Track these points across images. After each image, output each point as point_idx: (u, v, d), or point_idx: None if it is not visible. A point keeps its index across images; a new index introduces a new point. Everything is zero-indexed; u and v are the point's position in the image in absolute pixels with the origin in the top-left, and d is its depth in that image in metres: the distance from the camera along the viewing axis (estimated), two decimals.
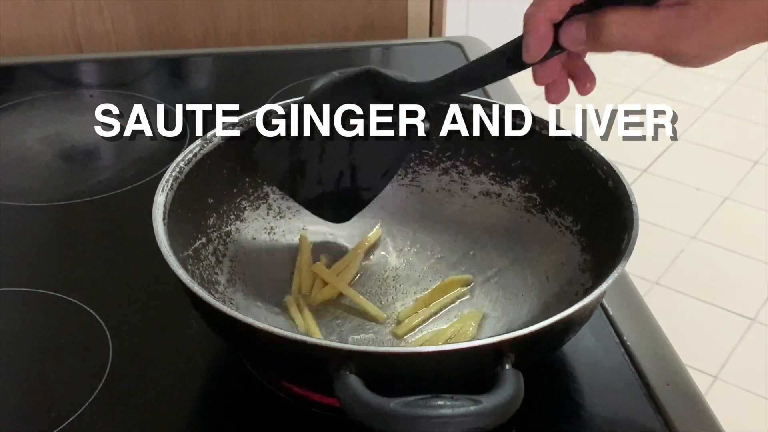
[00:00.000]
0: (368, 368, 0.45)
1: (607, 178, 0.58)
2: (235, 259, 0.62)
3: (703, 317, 1.67)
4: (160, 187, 0.56)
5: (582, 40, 0.47)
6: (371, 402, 0.43)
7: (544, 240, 0.63)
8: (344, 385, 0.44)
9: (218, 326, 0.53)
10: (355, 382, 0.44)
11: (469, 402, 0.43)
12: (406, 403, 0.42)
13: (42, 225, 0.72)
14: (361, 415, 0.43)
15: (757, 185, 2.04)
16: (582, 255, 0.60)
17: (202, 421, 0.55)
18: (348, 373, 0.44)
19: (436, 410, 0.42)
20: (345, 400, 0.44)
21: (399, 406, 0.42)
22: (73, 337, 0.60)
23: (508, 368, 0.46)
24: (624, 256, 0.52)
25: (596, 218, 0.59)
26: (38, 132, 0.85)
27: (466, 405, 0.42)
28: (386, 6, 1.04)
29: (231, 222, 0.63)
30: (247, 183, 0.64)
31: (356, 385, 0.44)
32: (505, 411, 0.44)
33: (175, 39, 1.01)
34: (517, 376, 0.45)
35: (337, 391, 0.44)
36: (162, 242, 0.52)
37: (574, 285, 0.59)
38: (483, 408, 0.43)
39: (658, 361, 0.58)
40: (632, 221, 0.54)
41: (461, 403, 0.42)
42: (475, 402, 0.43)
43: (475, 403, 0.43)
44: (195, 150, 0.60)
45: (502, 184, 0.66)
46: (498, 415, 0.43)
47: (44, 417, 0.54)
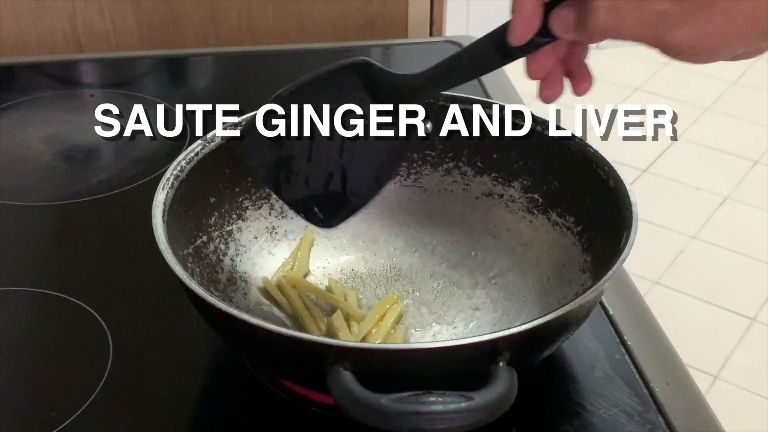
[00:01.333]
0: (363, 365, 0.45)
1: (608, 178, 0.58)
2: (236, 258, 0.62)
3: (703, 317, 1.67)
4: (161, 186, 0.56)
5: (572, 26, 0.45)
6: (363, 398, 0.43)
7: (545, 241, 0.63)
8: (337, 382, 0.44)
9: (215, 323, 0.53)
10: (348, 378, 0.44)
11: (461, 398, 0.43)
12: (397, 399, 0.42)
13: (42, 224, 0.72)
14: (353, 410, 0.43)
15: (757, 185, 2.04)
16: (582, 256, 0.60)
17: (202, 420, 0.55)
18: (342, 370, 0.45)
19: (428, 406, 0.42)
20: (338, 396, 0.44)
21: (390, 402, 0.42)
22: (73, 336, 0.60)
23: (502, 365, 0.46)
24: (622, 254, 0.52)
25: (597, 219, 0.59)
26: (39, 131, 0.85)
27: (457, 401, 0.42)
28: (386, 6, 1.04)
29: (233, 221, 0.63)
30: (249, 182, 0.64)
31: (349, 381, 0.44)
32: (496, 408, 0.44)
33: (176, 38, 1.01)
34: (511, 372, 0.45)
35: (331, 388, 0.44)
36: (160, 239, 0.52)
37: (574, 286, 0.59)
38: (474, 404, 0.43)
39: (658, 361, 0.58)
40: (631, 220, 0.54)
41: (452, 400, 0.42)
42: (467, 398, 0.43)
43: (467, 399, 0.43)
44: (197, 149, 0.60)
45: (505, 185, 0.66)
46: (489, 411, 0.43)
47: (44, 417, 0.54)
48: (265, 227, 0.65)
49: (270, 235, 0.65)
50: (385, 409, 0.42)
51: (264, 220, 0.65)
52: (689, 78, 2.45)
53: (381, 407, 0.42)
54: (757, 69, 2.53)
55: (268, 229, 0.65)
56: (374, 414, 0.43)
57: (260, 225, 0.65)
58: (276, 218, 0.65)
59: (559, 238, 0.62)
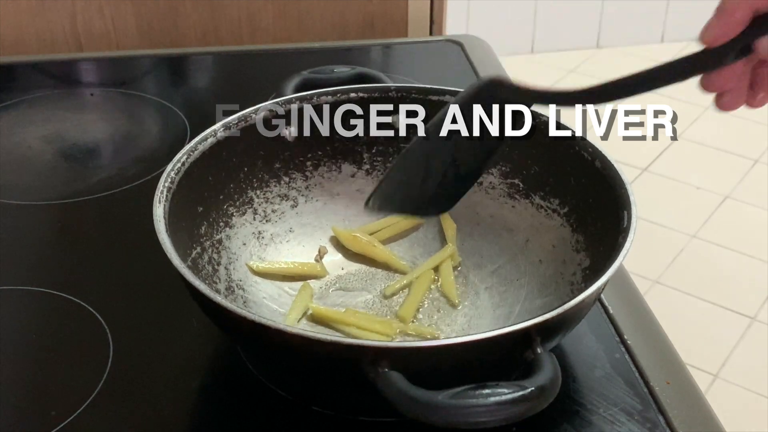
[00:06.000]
0: (403, 363, 0.45)
1: (594, 159, 0.59)
2: (229, 267, 0.62)
3: (703, 316, 1.67)
4: (157, 198, 0.56)
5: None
6: (420, 397, 0.44)
7: (531, 224, 0.64)
8: (388, 382, 0.45)
9: (240, 334, 0.53)
10: (398, 378, 0.45)
11: (516, 388, 0.43)
12: (453, 395, 0.43)
13: (42, 223, 0.72)
14: (412, 409, 0.44)
15: (757, 184, 2.04)
16: (574, 236, 0.61)
17: (202, 419, 0.55)
18: (388, 370, 0.45)
19: (486, 398, 0.43)
20: (393, 397, 0.44)
21: (448, 397, 0.43)
22: (73, 335, 0.60)
23: (540, 351, 0.47)
24: (628, 232, 0.53)
25: (585, 199, 0.60)
26: (39, 130, 0.85)
27: (514, 391, 0.43)
28: (387, 4, 1.04)
29: (221, 229, 0.63)
30: (232, 188, 0.64)
31: (401, 381, 0.44)
32: (550, 392, 0.44)
33: (176, 37, 1.01)
34: (551, 357, 0.46)
35: (383, 389, 0.45)
36: (172, 255, 0.51)
37: (570, 265, 0.60)
38: (531, 392, 0.43)
39: (659, 360, 0.58)
40: (627, 198, 0.55)
41: (509, 390, 0.43)
42: (521, 387, 0.43)
43: (522, 388, 0.43)
44: (182, 159, 0.59)
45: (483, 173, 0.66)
46: (545, 397, 0.44)
47: (44, 416, 0.54)
48: (252, 233, 0.65)
49: (257, 240, 0.65)
50: (445, 405, 0.43)
51: (250, 226, 0.65)
52: None
53: (441, 404, 0.43)
54: None
55: (255, 234, 0.65)
56: (433, 411, 0.43)
57: (247, 231, 0.65)
58: (261, 222, 0.66)
59: (545, 220, 0.63)
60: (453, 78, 0.93)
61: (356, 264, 0.66)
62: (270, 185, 0.66)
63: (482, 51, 0.99)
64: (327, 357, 0.48)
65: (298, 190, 0.67)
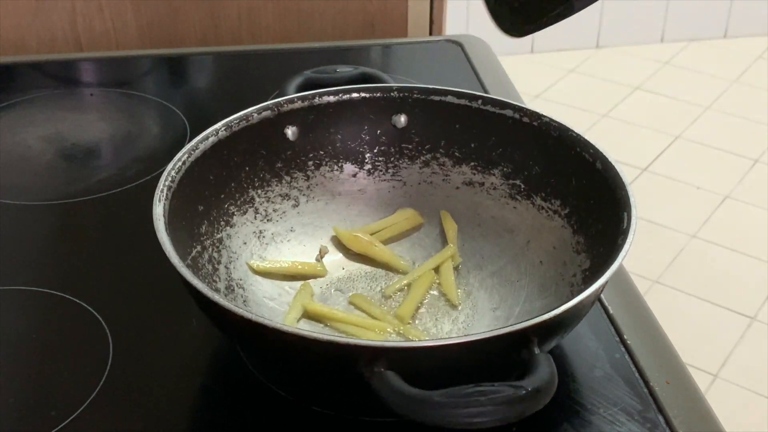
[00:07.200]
0: (399, 363, 0.45)
1: (595, 160, 0.59)
2: (229, 266, 0.62)
3: (703, 316, 1.67)
4: (157, 197, 0.56)
5: None
6: (415, 396, 0.44)
7: (532, 225, 0.64)
8: (384, 382, 0.45)
9: (239, 334, 0.53)
10: (394, 378, 0.45)
11: (511, 388, 0.43)
12: (449, 394, 0.43)
13: (42, 223, 0.72)
14: (407, 409, 0.44)
15: (757, 184, 2.04)
16: (574, 237, 0.60)
17: (202, 420, 0.55)
18: (384, 370, 0.45)
19: (480, 398, 0.43)
20: (388, 396, 0.44)
21: (444, 397, 0.43)
22: (73, 336, 0.60)
23: (538, 352, 0.47)
24: (628, 234, 0.53)
25: (586, 200, 0.60)
26: (39, 131, 0.85)
27: (510, 391, 0.43)
28: (386, 5, 1.04)
29: (222, 228, 0.63)
30: (233, 187, 0.64)
31: (396, 381, 0.44)
32: (546, 393, 0.44)
33: (176, 38, 1.01)
34: (548, 358, 0.46)
35: (378, 389, 0.45)
36: (171, 255, 0.51)
37: (570, 267, 0.59)
38: (527, 393, 0.43)
39: (658, 360, 0.58)
40: (628, 199, 0.55)
41: (504, 390, 0.43)
42: (517, 388, 0.43)
43: (518, 388, 0.43)
44: (183, 158, 0.59)
45: (485, 174, 0.66)
46: (542, 397, 0.44)
47: (44, 416, 0.54)
48: (252, 232, 0.65)
49: (258, 239, 0.65)
50: (441, 404, 0.43)
51: (251, 225, 0.65)
52: (689, 77, 2.45)
53: (436, 403, 0.43)
54: (757, 68, 2.53)
55: (256, 233, 0.65)
56: (428, 410, 0.43)
57: (248, 230, 0.65)
58: (262, 222, 0.65)
59: (546, 221, 0.63)
60: (453, 78, 0.93)
61: (357, 264, 0.66)
62: (271, 184, 0.66)
63: (482, 51, 0.99)
64: (324, 356, 0.48)
65: (299, 190, 0.67)
